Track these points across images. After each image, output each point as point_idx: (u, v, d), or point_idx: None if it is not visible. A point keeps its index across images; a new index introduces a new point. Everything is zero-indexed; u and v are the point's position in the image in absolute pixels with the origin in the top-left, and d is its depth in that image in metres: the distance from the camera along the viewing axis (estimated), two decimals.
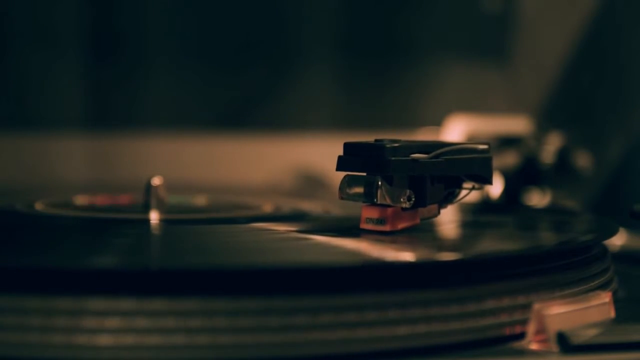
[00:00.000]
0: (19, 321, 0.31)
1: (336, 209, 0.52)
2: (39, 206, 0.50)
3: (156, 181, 0.48)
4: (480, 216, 0.52)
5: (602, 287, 0.39)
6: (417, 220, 0.41)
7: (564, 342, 0.33)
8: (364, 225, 0.40)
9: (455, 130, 0.65)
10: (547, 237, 0.46)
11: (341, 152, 0.40)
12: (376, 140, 0.40)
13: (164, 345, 0.30)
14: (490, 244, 0.42)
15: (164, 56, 0.78)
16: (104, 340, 0.30)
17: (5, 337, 0.31)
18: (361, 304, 0.32)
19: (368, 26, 0.82)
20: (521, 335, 0.34)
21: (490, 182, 0.42)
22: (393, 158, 0.39)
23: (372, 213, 0.40)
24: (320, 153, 0.74)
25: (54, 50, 0.76)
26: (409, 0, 0.81)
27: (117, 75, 0.77)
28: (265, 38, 0.80)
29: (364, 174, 0.39)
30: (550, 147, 0.62)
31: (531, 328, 0.34)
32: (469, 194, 0.42)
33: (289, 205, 0.53)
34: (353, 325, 0.32)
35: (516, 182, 0.61)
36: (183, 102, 0.79)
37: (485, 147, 0.42)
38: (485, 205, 0.58)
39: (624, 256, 0.52)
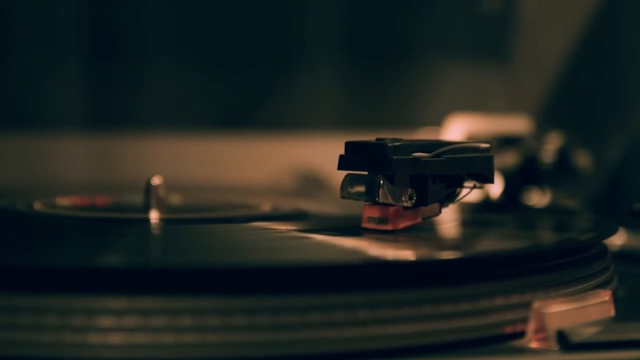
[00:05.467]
0: (31, 320, 0.31)
1: (337, 208, 0.52)
2: (38, 206, 0.50)
3: (156, 181, 0.48)
4: (480, 215, 0.52)
5: (602, 285, 0.39)
6: (419, 219, 0.41)
7: (563, 340, 0.33)
8: (365, 225, 0.40)
9: (456, 130, 0.65)
10: (547, 236, 0.46)
11: (341, 152, 0.40)
12: (378, 139, 0.40)
13: (178, 344, 0.31)
14: (490, 243, 0.42)
15: (164, 56, 0.78)
16: (117, 339, 0.30)
17: (16, 336, 0.31)
18: (361, 303, 0.32)
19: (369, 26, 0.82)
20: (521, 334, 0.34)
21: (491, 181, 0.42)
22: (395, 157, 0.39)
23: (373, 212, 0.40)
24: (321, 153, 0.74)
25: (54, 50, 0.76)
26: (410, 0, 0.82)
27: (117, 75, 0.77)
28: (266, 38, 0.80)
29: (366, 172, 0.39)
30: (550, 147, 0.62)
31: (531, 326, 0.34)
32: (470, 193, 0.42)
33: (289, 205, 0.53)
34: (356, 324, 0.32)
35: (516, 182, 0.61)
36: (183, 102, 0.79)
37: (486, 146, 0.42)
38: (486, 204, 0.58)
39: (624, 255, 0.52)
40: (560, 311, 0.34)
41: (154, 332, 0.31)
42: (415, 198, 0.40)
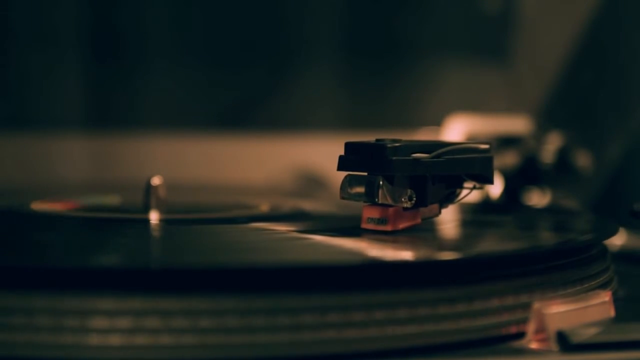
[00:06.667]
0: (25, 321, 0.31)
1: (337, 208, 0.52)
2: (38, 206, 0.50)
3: (156, 181, 0.48)
4: (480, 216, 0.52)
5: (602, 286, 0.39)
6: (419, 220, 0.41)
7: (563, 341, 0.33)
8: (365, 225, 0.40)
9: (455, 130, 0.65)
10: (547, 237, 0.46)
11: (341, 152, 0.40)
12: (377, 140, 0.40)
13: (175, 345, 0.31)
14: (490, 244, 0.42)
15: (164, 56, 0.78)
16: (112, 340, 0.30)
17: (12, 337, 0.31)
18: (361, 304, 0.32)
19: (369, 26, 0.82)
20: (521, 334, 0.34)
21: (491, 182, 0.42)
22: (394, 158, 0.39)
23: (373, 213, 0.40)
24: (321, 153, 0.74)
25: (54, 50, 0.76)
26: (410, 0, 0.82)
27: (117, 75, 0.77)
28: (266, 38, 0.80)
29: (365, 173, 0.39)
30: (550, 147, 0.62)
31: (531, 327, 0.34)
32: (470, 194, 0.42)
33: (289, 205, 0.53)
34: (355, 325, 0.32)
35: (516, 182, 0.61)
36: (183, 102, 0.79)
37: (486, 146, 0.42)
38: (486, 205, 0.58)
39: (624, 256, 0.52)
40: (560, 312, 0.34)
41: (149, 333, 0.31)
42: (414, 199, 0.40)
